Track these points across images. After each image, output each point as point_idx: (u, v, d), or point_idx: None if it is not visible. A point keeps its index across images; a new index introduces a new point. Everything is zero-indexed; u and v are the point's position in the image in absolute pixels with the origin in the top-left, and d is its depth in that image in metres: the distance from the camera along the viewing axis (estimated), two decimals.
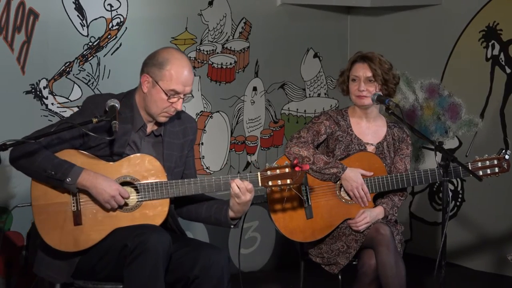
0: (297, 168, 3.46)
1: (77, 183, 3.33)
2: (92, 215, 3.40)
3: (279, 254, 5.46)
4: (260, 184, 3.48)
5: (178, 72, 3.40)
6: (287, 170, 3.48)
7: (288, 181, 3.48)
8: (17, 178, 4.47)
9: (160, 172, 3.44)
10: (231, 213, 3.52)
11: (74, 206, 3.39)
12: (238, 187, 3.43)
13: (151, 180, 3.42)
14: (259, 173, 3.49)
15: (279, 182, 3.49)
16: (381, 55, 4.04)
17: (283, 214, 3.92)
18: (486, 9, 5.30)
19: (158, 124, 3.51)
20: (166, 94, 3.39)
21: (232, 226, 3.57)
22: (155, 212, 3.43)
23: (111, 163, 3.43)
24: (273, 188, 3.51)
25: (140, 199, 3.42)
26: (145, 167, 3.43)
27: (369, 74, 3.96)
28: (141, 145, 3.48)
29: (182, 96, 3.43)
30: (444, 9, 5.50)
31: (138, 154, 3.45)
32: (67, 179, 3.32)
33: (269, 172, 3.49)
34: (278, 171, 3.49)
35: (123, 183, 3.42)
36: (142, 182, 3.42)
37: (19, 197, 4.51)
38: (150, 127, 3.52)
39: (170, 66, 3.39)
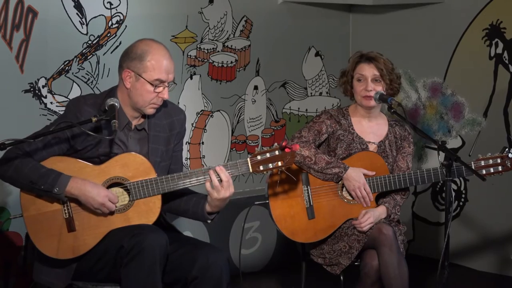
0: (287, 150, 3.40)
1: (65, 191, 3.30)
2: (86, 220, 3.36)
3: (280, 255, 5.43)
4: (251, 169, 3.42)
5: (160, 61, 3.36)
6: (277, 152, 3.41)
7: (280, 163, 3.42)
8: None
9: (149, 169, 3.39)
10: (208, 208, 3.47)
11: (66, 213, 3.36)
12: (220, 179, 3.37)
13: (140, 178, 3.38)
14: (248, 159, 3.43)
15: (270, 165, 3.42)
16: (381, 54, 4.01)
17: (285, 215, 3.89)
18: (489, 7, 5.27)
19: (143, 116, 3.47)
20: (152, 85, 3.35)
21: (209, 221, 3.52)
22: (148, 209, 3.39)
23: (99, 165, 3.38)
24: (264, 172, 3.43)
25: (131, 199, 3.38)
26: (133, 165, 3.38)
27: (377, 73, 3.94)
28: (128, 142, 3.44)
29: (166, 84, 3.39)
30: (447, 7, 5.47)
31: (125, 153, 3.40)
32: (55, 189, 3.28)
33: (259, 157, 3.42)
34: (268, 155, 3.41)
35: (113, 184, 3.38)
36: (131, 181, 3.38)
37: (16, 196, 4.46)
38: (134, 123, 3.47)
39: (151, 56, 3.35)
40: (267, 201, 3.91)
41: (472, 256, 5.40)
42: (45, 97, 4.65)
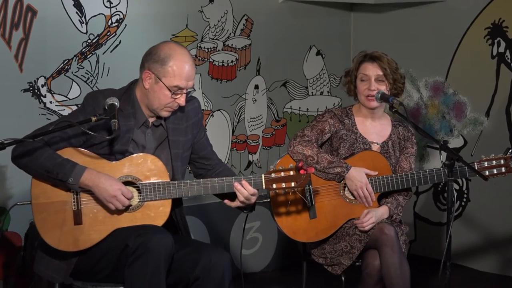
0: (302, 171, 3.42)
1: (79, 182, 3.29)
2: (93, 215, 3.35)
3: (281, 255, 5.41)
4: (264, 186, 3.45)
5: (181, 68, 3.34)
6: (291, 172, 3.44)
7: (293, 184, 3.44)
8: (14, 179, 4.43)
9: (163, 172, 3.39)
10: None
11: (74, 205, 3.35)
12: (245, 190, 3.43)
13: (153, 180, 3.37)
14: (263, 176, 3.45)
15: (284, 185, 3.45)
16: (386, 54, 3.99)
17: (286, 214, 3.88)
18: (492, 6, 5.26)
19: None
20: (170, 90, 3.34)
21: (245, 211, 3.58)
22: (157, 213, 3.38)
23: (113, 162, 3.37)
24: (277, 191, 3.47)
25: (141, 200, 3.37)
26: (147, 166, 3.38)
27: (380, 73, 3.91)
28: (145, 140, 3.43)
29: (185, 91, 3.38)
30: (449, 6, 5.45)
31: (141, 154, 3.40)
32: (70, 179, 3.27)
33: (273, 175, 3.45)
34: (282, 174, 3.44)
35: (125, 183, 3.36)
36: (144, 182, 3.37)
37: (16, 197, 4.47)
38: (151, 121, 3.47)
39: (173, 62, 3.33)
40: (269, 200, 3.89)
41: (474, 257, 5.38)
42: (45, 96, 4.63)
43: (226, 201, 3.49)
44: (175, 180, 3.42)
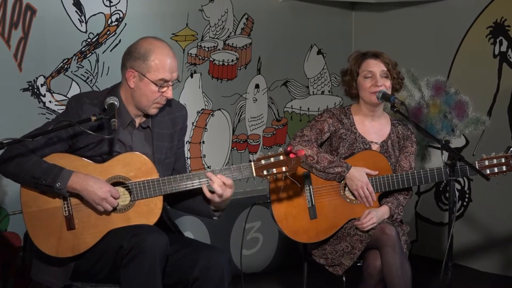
0: (291, 155, 3.40)
1: (67, 187, 3.27)
2: (85, 218, 3.33)
3: (282, 255, 5.40)
4: (254, 174, 3.42)
5: (164, 60, 3.34)
6: (281, 157, 3.41)
7: (284, 168, 3.41)
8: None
9: (151, 169, 3.37)
10: (211, 206, 3.47)
11: (66, 211, 3.33)
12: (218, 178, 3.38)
13: (142, 178, 3.36)
14: (252, 163, 3.43)
15: (274, 170, 3.42)
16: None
17: (286, 214, 3.86)
18: (493, 5, 5.25)
19: (146, 116, 3.45)
20: (156, 85, 3.34)
21: (214, 218, 3.52)
22: (149, 210, 3.36)
23: (101, 164, 3.36)
24: (268, 177, 3.43)
25: (133, 199, 3.35)
26: (135, 165, 3.36)
27: (384, 68, 3.92)
28: (132, 141, 3.42)
29: (170, 83, 3.37)
30: (451, 5, 5.44)
31: (128, 153, 3.38)
32: (57, 184, 3.26)
33: (263, 161, 3.42)
34: (272, 160, 3.41)
35: (115, 183, 3.35)
36: (133, 181, 3.35)
37: (16, 197, 4.42)
38: (138, 121, 3.46)
39: (155, 56, 3.33)
40: (269, 201, 3.87)
41: (476, 257, 5.36)
42: (44, 95, 4.62)
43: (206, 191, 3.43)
44: None
